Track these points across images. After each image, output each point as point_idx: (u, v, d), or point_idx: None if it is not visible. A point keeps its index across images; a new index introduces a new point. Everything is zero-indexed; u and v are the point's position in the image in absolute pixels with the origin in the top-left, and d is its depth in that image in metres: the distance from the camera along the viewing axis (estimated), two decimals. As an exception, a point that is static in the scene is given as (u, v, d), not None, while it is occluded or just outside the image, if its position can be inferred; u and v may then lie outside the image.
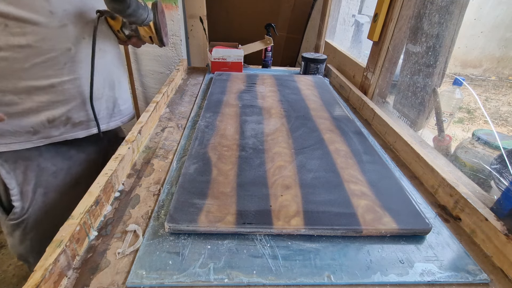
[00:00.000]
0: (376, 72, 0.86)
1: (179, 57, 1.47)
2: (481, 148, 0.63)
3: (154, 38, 0.68)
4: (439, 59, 0.71)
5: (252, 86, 0.92)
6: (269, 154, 0.57)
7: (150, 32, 0.66)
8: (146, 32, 0.66)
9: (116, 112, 0.71)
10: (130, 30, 0.66)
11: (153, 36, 0.67)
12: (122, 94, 0.73)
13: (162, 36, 0.67)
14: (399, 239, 0.42)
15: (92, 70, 0.58)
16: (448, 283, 0.36)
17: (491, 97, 1.23)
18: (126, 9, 0.55)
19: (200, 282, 0.34)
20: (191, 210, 0.42)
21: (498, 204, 0.43)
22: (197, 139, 0.61)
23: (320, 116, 0.75)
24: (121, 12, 0.55)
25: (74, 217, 0.38)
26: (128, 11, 0.55)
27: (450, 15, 0.68)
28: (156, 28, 0.66)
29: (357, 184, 0.50)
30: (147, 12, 0.60)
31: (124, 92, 0.75)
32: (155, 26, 0.66)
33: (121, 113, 0.73)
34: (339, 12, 1.38)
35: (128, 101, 0.77)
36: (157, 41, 0.68)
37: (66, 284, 0.34)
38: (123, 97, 0.73)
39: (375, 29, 0.83)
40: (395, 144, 0.66)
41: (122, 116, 0.74)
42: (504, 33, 0.88)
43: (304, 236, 0.41)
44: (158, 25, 0.66)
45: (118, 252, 0.38)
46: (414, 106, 0.79)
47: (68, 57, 0.56)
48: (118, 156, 0.51)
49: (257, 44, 1.17)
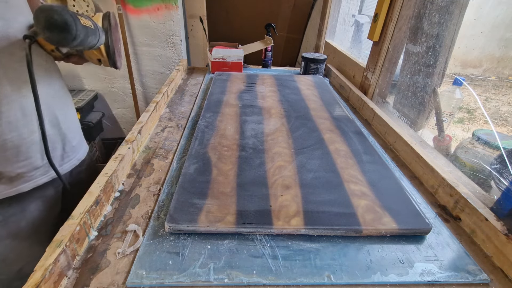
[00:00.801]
0: (376, 72, 0.86)
1: (179, 57, 1.47)
2: (481, 148, 0.63)
3: (105, 61, 0.55)
4: (439, 59, 0.71)
5: (252, 86, 0.92)
6: (269, 154, 0.57)
7: (99, 55, 0.53)
8: (94, 55, 0.53)
9: (68, 150, 0.59)
10: (71, 48, 0.51)
11: (103, 59, 0.54)
12: (70, 126, 0.59)
13: (115, 59, 0.55)
14: (399, 239, 0.42)
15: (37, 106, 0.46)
16: (448, 283, 0.36)
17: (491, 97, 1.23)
18: (71, 41, 0.43)
19: (200, 282, 0.34)
20: (191, 210, 0.42)
21: (498, 204, 0.43)
22: (197, 139, 0.61)
23: (320, 116, 0.75)
24: (66, 44, 0.44)
25: (74, 217, 0.38)
26: (74, 43, 0.44)
27: (450, 15, 0.68)
28: (108, 52, 0.53)
29: (357, 184, 0.50)
30: (97, 35, 0.48)
31: (73, 123, 0.61)
32: (107, 49, 0.53)
33: (74, 150, 0.61)
34: (339, 12, 1.38)
35: (78, 132, 0.64)
36: (107, 64, 0.56)
37: (66, 284, 0.34)
38: (72, 129, 0.60)
39: (375, 29, 0.83)
40: (395, 144, 0.66)
41: (76, 153, 0.62)
42: (504, 33, 0.88)
43: (304, 236, 0.41)
44: (112, 48, 0.53)
45: (118, 252, 0.38)
46: (414, 106, 0.79)
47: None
48: (118, 156, 0.51)
49: (257, 44, 1.17)
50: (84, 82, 1.52)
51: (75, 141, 0.61)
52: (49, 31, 0.41)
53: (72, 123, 0.60)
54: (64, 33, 0.42)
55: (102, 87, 1.56)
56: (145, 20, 1.39)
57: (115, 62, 0.55)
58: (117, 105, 1.64)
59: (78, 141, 0.62)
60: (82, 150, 0.64)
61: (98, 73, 1.52)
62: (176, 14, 1.38)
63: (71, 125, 0.60)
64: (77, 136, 0.62)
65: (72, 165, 0.60)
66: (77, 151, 0.62)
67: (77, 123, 0.63)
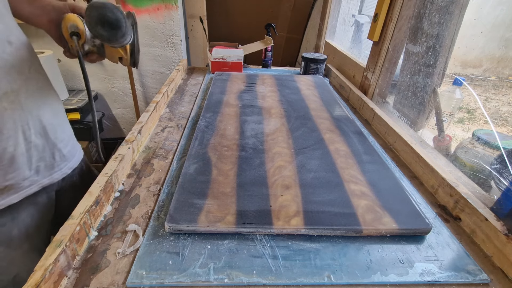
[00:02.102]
0: (376, 72, 0.86)
1: (179, 57, 1.47)
2: (481, 148, 0.63)
3: (126, 60, 0.55)
4: (439, 59, 0.71)
5: (252, 86, 0.92)
6: (269, 154, 0.57)
7: (123, 53, 0.53)
8: (117, 53, 0.53)
9: (58, 159, 0.56)
10: (92, 46, 0.51)
11: (125, 57, 0.54)
12: (60, 135, 0.56)
13: (137, 58, 0.55)
14: (399, 239, 0.42)
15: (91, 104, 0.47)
16: (448, 283, 0.36)
17: (491, 97, 1.23)
18: (120, 38, 0.45)
19: (200, 282, 0.34)
20: (191, 210, 0.42)
21: (498, 204, 0.43)
22: (197, 139, 0.61)
23: (320, 116, 0.75)
24: (113, 41, 0.46)
25: (74, 217, 0.38)
26: (121, 40, 0.46)
27: (450, 15, 0.68)
28: (133, 50, 0.54)
29: (357, 184, 0.50)
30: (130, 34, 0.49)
31: (63, 132, 0.58)
32: (132, 48, 0.53)
33: (65, 159, 0.58)
34: (339, 12, 1.38)
35: (71, 140, 0.61)
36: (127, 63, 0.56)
37: (66, 284, 0.34)
38: (62, 138, 0.57)
39: (375, 29, 0.83)
40: (395, 144, 0.66)
41: (67, 162, 0.59)
42: (504, 33, 0.88)
43: (304, 236, 0.41)
44: (137, 47, 0.54)
45: (118, 252, 0.38)
46: (414, 106, 0.79)
47: None
48: (118, 156, 0.51)
49: (257, 44, 1.17)
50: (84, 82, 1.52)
51: (65, 150, 0.58)
52: (102, 27, 0.43)
53: (62, 132, 0.57)
54: (115, 30, 0.44)
55: (102, 87, 1.56)
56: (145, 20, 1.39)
57: (136, 61, 0.55)
58: (117, 105, 1.64)
59: (69, 149, 0.59)
60: (75, 158, 0.62)
61: (98, 73, 1.52)
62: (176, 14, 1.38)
63: (61, 134, 0.57)
64: (68, 145, 0.59)
65: (63, 173, 0.58)
66: (68, 160, 0.59)
67: (68, 131, 0.60)
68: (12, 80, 0.44)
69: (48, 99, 0.54)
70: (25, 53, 0.48)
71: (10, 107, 0.44)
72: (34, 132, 0.50)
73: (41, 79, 0.53)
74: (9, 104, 0.44)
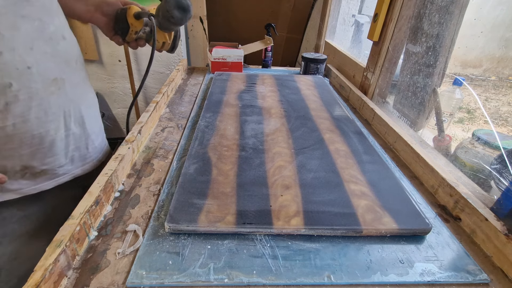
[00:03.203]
0: (376, 72, 0.86)
1: (179, 57, 1.47)
2: (481, 148, 0.63)
3: (167, 45, 0.63)
4: (439, 59, 0.71)
5: (252, 86, 0.92)
6: (269, 154, 0.57)
7: (167, 38, 0.62)
8: (162, 38, 0.61)
9: (91, 150, 0.59)
10: (143, 33, 0.61)
11: (168, 42, 0.62)
12: (93, 127, 0.59)
13: (177, 43, 0.63)
14: (399, 239, 0.42)
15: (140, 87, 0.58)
16: (448, 283, 0.36)
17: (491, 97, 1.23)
18: (186, 21, 0.54)
19: (200, 282, 0.34)
20: (191, 210, 0.42)
21: (498, 204, 0.43)
22: (197, 139, 0.61)
23: (320, 116, 0.75)
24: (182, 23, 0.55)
25: (74, 217, 0.38)
26: (186, 23, 0.55)
27: (450, 15, 0.68)
28: (176, 35, 0.62)
29: (357, 184, 0.50)
30: None
31: (96, 123, 0.61)
32: (175, 33, 0.62)
33: (96, 150, 0.61)
34: (339, 12, 1.38)
35: (101, 133, 0.64)
36: (168, 48, 0.64)
37: (66, 284, 0.34)
38: (95, 130, 0.60)
39: (375, 29, 0.83)
40: (395, 144, 0.66)
41: (98, 154, 0.62)
42: (504, 33, 0.88)
43: (304, 236, 0.41)
44: (179, 33, 0.62)
45: (118, 252, 0.38)
46: (414, 106, 0.79)
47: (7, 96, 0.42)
48: (118, 156, 0.51)
49: (257, 44, 1.17)
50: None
51: (97, 142, 0.61)
52: (178, 11, 0.53)
53: (96, 123, 0.61)
54: (186, 13, 0.54)
55: (102, 87, 1.56)
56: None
57: (176, 45, 0.64)
58: (117, 105, 1.64)
59: (99, 142, 0.62)
60: (103, 151, 0.64)
61: (98, 73, 1.52)
62: (176, 14, 1.38)
63: (95, 125, 0.60)
64: (99, 136, 0.62)
65: (93, 165, 0.60)
66: (98, 152, 0.62)
67: (100, 124, 0.64)
68: (62, 70, 0.49)
69: (87, 91, 0.59)
70: (74, 48, 0.54)
71: (57, 92, 0.49)
72: (74, 120, 0.53)
73: (82, 74, 0.58)
74: (56, 89, 0.49)
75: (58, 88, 0.49)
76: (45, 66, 0.46)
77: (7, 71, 0.41)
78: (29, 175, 0.50)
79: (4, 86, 0.41)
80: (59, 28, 0.49)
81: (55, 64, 0.48)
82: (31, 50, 0.44)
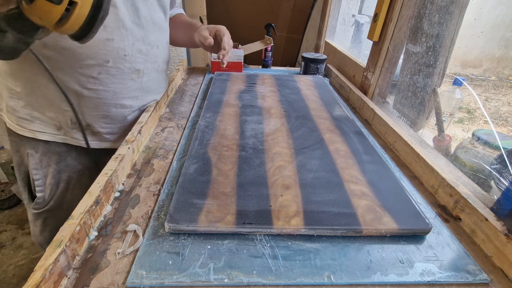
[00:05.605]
0: (376, 72, 0.86)
1: (179, 57, 1.47)
2: (481, 148, 0.63)
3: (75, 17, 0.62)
4: (439, 59, 0.71)
5: (252, 86, 0.92)
6: (269, 154, 0.57)
7: None
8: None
9: None
10: None
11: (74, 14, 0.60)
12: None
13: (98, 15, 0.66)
14: (399, 239, 0.42)
15: None
16: (448, 283, 0.36)
17: (491, 97, 1.23)
18: None
19: (200, 282, 0.34)
20: (191, 210, 0.42)
21: (498, 204, 0.43)
22: (197, 139, 0.61)
23: (320, 116, 0.75)
24: None
25: (74, 217, 0.38)
26: None
27: (450, 15, 0.68)
28: None
29: (357, 184, 0.50)
30: None
31: None
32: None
33: None
34: (339, 12, 1.38)
35: None
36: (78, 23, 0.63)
37: (66, 284, 0.34)
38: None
39: (375, 29, 0.83)
40: (395, 144, 0.66)
41: None
42: (504, 33, 0.88)
43: (304, 236, 0.41)
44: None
45: (118, 252, 0.38)
46: (414, 106, 0.79)
47: (104, 69, 0.58)
48: (118, 156, 0.51)
49: (257, 44, 1.17)
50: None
51: None
52: None
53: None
54: None
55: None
56: (145, 20, 1.39)
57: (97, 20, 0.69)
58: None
59: None
60: None
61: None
62: (176, 14, 1.37)
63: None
64: None
65: None
66: None
67: None
68: (146, 66, 0.66)
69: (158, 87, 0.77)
70: (168, 56, 0.77)
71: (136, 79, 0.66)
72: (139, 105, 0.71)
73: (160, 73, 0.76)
74: (136, 77, 0.66)
75: (138, 77, 0.65)
76: (136, 60, 0.62)
77: (110, 52, 0.57)
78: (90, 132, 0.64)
79: (102, 61, 0.57)
80: (167, 40, 0.72)
81: (143, 61, 0.64)
82: (132, 46, 0.61)
